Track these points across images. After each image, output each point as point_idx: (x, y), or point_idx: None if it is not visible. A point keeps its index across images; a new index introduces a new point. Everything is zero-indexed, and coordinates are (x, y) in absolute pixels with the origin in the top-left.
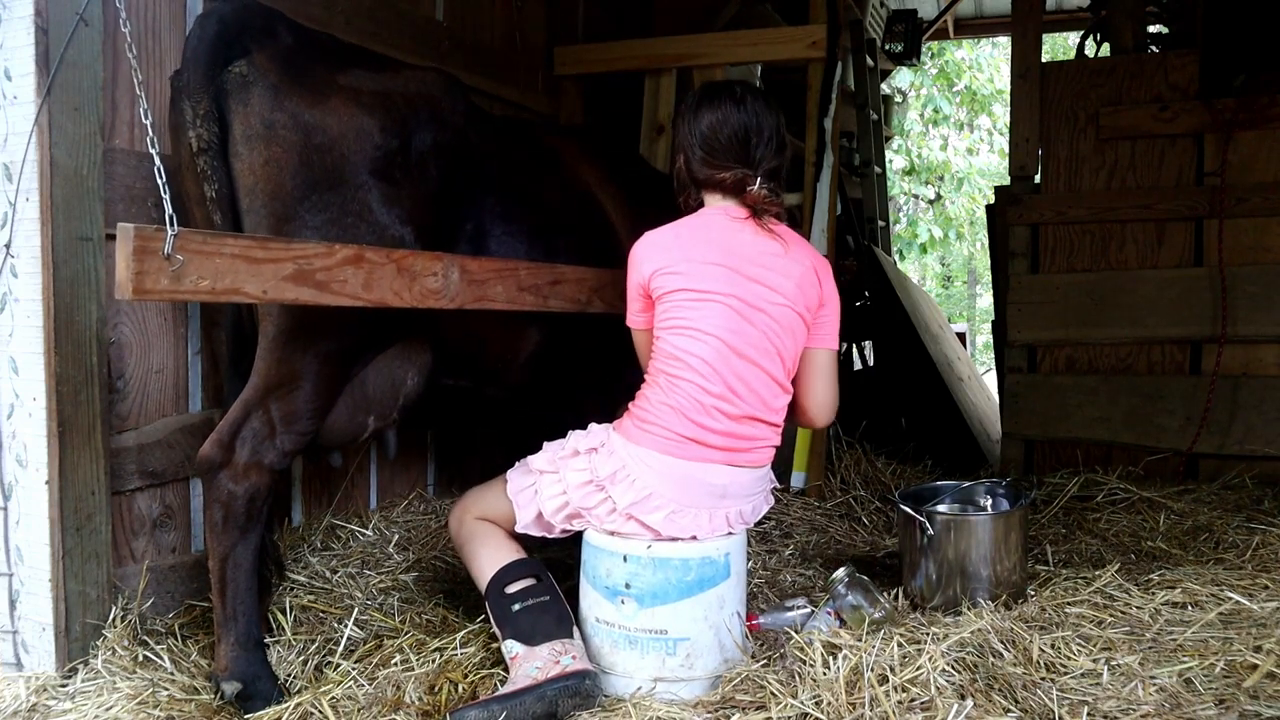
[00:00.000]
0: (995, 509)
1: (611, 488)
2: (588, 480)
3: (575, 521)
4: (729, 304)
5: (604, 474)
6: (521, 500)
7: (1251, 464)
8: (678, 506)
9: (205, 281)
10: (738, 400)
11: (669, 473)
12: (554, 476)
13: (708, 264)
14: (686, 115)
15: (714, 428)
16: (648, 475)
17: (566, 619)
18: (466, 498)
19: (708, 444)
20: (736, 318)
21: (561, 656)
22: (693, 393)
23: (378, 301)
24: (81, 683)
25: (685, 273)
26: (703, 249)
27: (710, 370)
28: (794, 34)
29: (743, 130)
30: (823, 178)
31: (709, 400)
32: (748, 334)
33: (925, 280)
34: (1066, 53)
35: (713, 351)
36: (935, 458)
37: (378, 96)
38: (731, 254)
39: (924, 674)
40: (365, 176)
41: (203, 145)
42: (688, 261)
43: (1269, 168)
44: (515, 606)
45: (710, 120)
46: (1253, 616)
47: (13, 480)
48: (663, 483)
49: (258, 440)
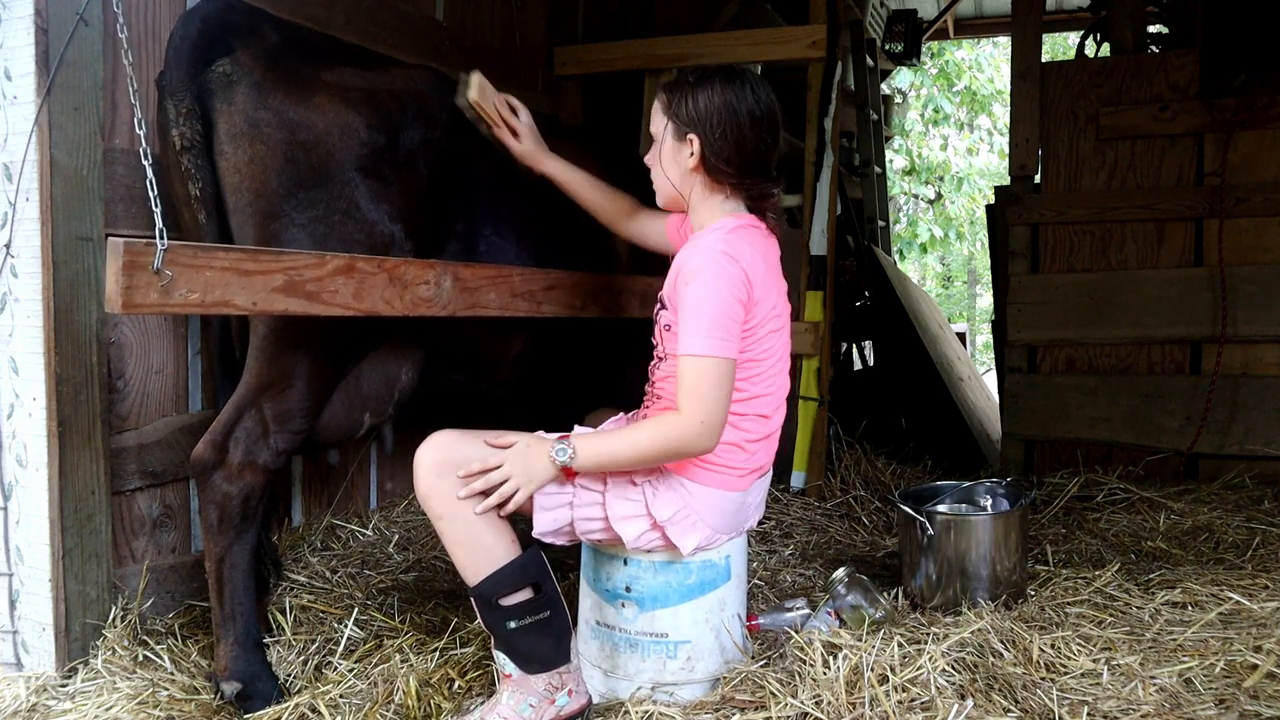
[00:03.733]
0: (995, 509)
1: (671, 528)
2: (640, 515)
3: (603, 540)
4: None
5: (664, 515)
6: (549, 503)
7: (1251, 464)
8: (715, 531)
9: (195, 295)
10: (776, 415)
11: (729, 507)
12: (595, 497)
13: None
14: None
15: (766, 449)
16: (712, 515)
17: (566, 635)
18: (448, 452)
19: (761, 466)
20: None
21: (557, 694)
22: (755, 427)
23: (369, 311)
24: (81, 683)
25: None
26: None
27: (766, 396)
28: (794, 34)
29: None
30: (823, 178)
31: (768, 428)
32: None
33: (925, 280)
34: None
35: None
36: (935, 458)
37: (364, 93)
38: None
39: (924, 674)
40: (352, 173)
41: (186, 144)
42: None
43: (1269, 168)
44: (511, 624)
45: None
46: (1253, 616)
47: (13, 480)
48: (724, 519)
49: (251, 440)
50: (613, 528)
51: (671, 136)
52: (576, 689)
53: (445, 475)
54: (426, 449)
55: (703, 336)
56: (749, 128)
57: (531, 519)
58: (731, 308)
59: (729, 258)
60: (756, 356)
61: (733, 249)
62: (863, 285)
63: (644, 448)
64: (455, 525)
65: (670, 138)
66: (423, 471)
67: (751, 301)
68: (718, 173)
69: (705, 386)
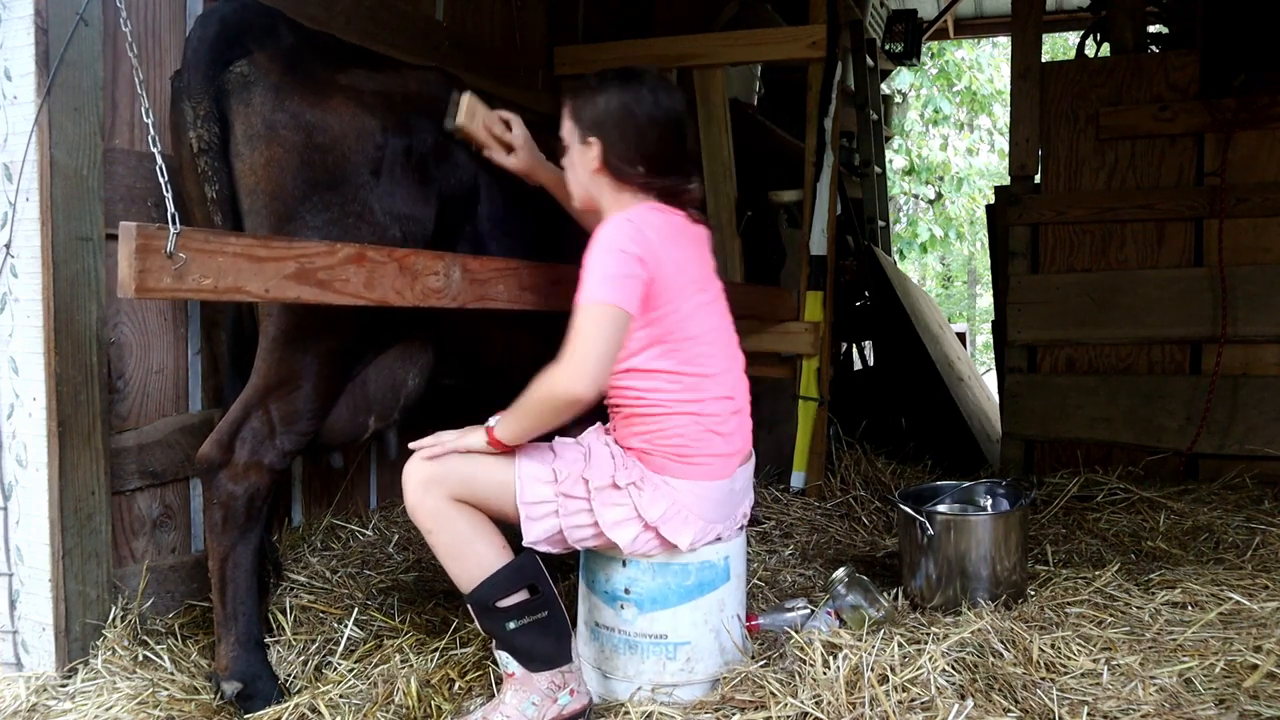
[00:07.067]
0: (995, 509)
1: (664, 527)
2: (631, 518)
3: (598, 547)
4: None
5: (654, 515)
6: (535, 513)
7: (1251, 464)
8: (708, 522)
9: (207, 280)
10: (739, 393)
11: (717, 496)
12: (581, 504)
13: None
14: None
15: (740, 429)
16: (702, 507)
17: (566, 635)
18: (437, 469)
19: (739, 450)
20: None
21: (559, 693)
22: (721, 408)
23: (379, 300)
24: (81, 683)
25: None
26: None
27: (722, 374)
28: (794, 34)
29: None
30: (823, 178)
31: (734, 406)
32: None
33: (925, 280)
34: (1066, 53)
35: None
36: (935, 458)
37: (379, 96)
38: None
39: (924, 674)
40: (366, 176)
41: (203, 146)
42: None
43: (1269, 168)
44: (510, 625)
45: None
46: (1253, 616)
47: (13, 480)
48: (715, 508)
49: (257, 440)
50: (605, 534)
51: (576, 140)
52: (578, 689)
53: (430, 490)
54: (413, 464)
55: (589, 287)
56: (648, 129)
57: (521, 531)
58: (621, 260)
59: (625, 220)
60: (692, 334)
61: (632, 215)
62: (863, 285)
63: (533, 400)
64: (444, 537)
65: (575, 141)
66: (410, 486)
67: (653, 258)
68: (621, 174)
69: (583, 328)
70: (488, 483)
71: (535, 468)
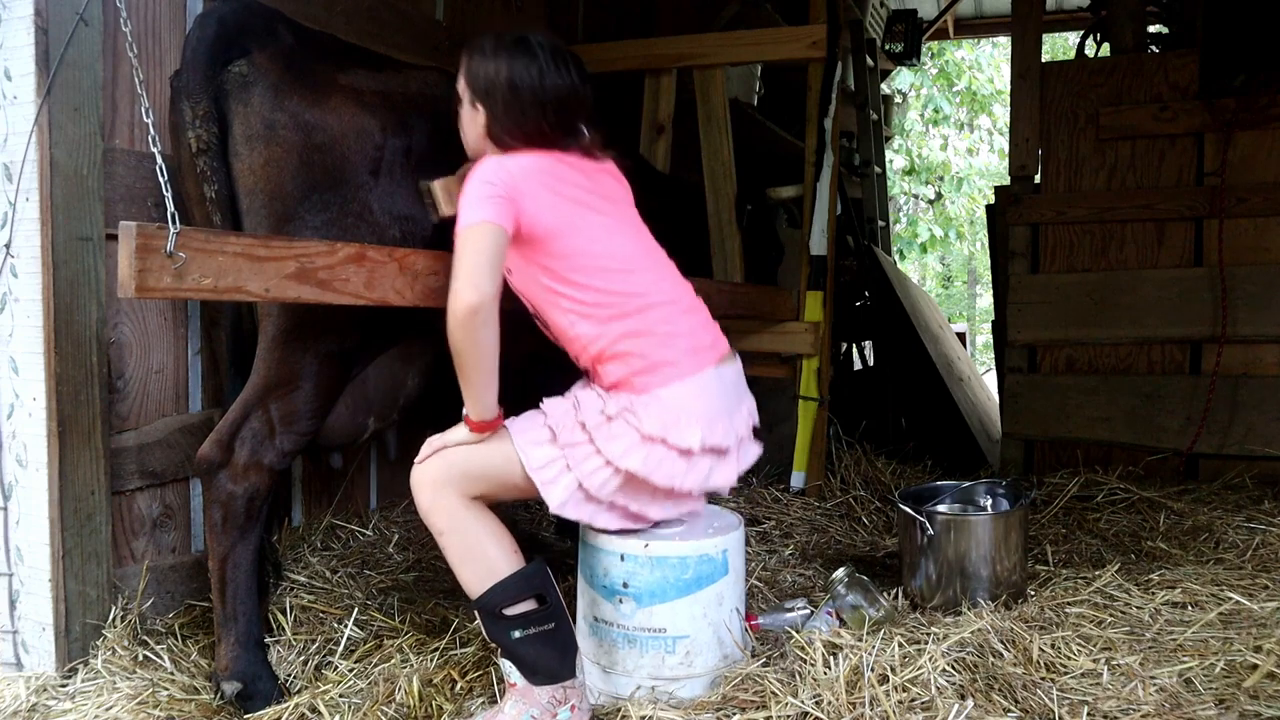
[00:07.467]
0: (995, 509)
1: (671, 435)
2: (636, 441)
3: (625, 492)
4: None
5: (655, 429)
6: (547, 476)
7: (1251, 464)
8: (710, 419)
9: (208, 280)
10: (682, 293)
11: (708, 387)
12: (586, 449)
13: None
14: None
15: (702, 327)
16: (696, 404)
17: (571, 649)
18: (442, 468)
19: (707, 346)
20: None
21: (560, 708)
22: (670, 313)
23: (379, 300)
24: (81, 683)
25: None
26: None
27: (651, 285)
28: (794, 34)
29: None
30: (823, 177)
31: (684, 307)
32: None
33: (925, 280)
34: (1066, 53)
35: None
36: (935, 458)
37: (379, 96)
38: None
39: (924, 674)
40: (366, 177)
41: (202, 146)
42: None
43: (1269, 168)
44: (515, 634)
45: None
46: (1253, 616)
47: (13, 480)
48: (710, 400)
49: (257, 440)
50: (621, 465)
51: (467, 100)
52: (580, 705)
53: (443, 491)
54: (420, 470)
55: (458, 222)
56: (530, 108)
57: (546, 503)
58: (481, 188)
59: (489, 159)
60: (596, 254)
61: (501, 156)
62: (863, 285)
63: (455, 349)
64: (455, 539)
65: (466, 101)
66: (422, 491)
67: (512, 183)
68: (502, 143)
69: (458, 252)
70: (494, 465)
71: (531, 433)
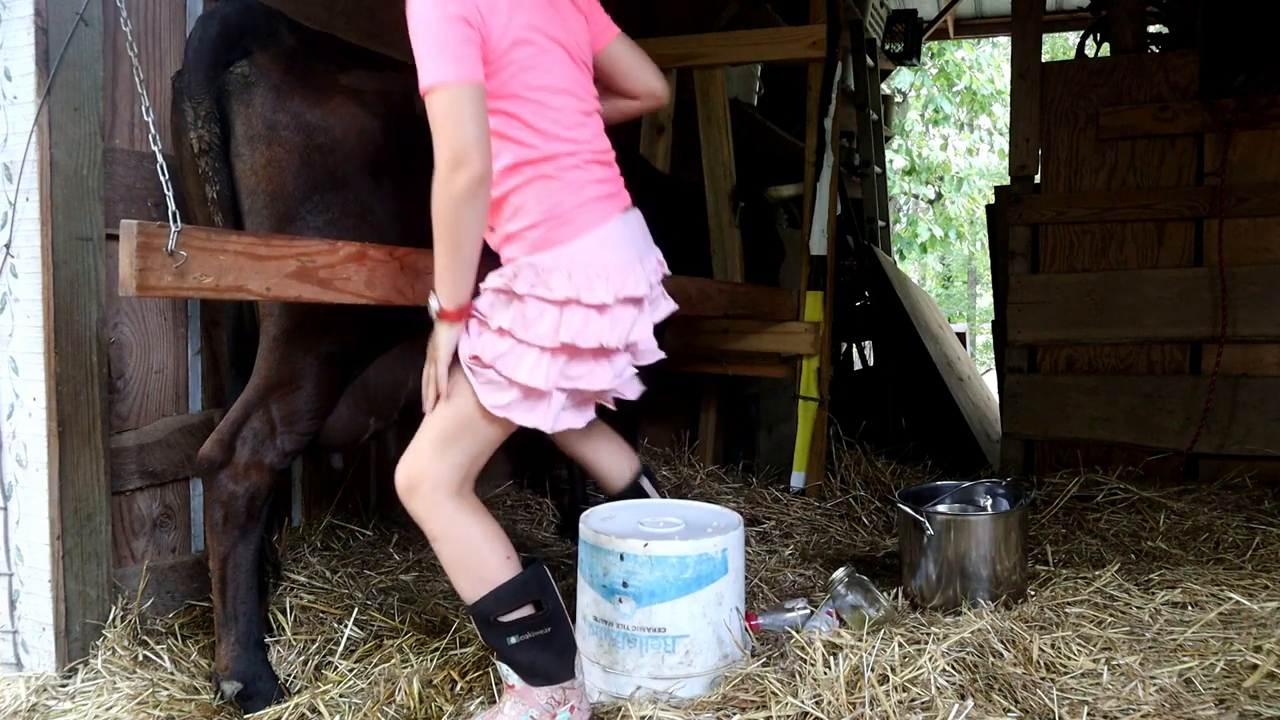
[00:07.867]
0: (995, 509)
1: (584, 294)
2: (553, 303)
3: (573, 366)
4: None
5: (567, 292)
6: (502, 399)
7: (1251, 464)
8: (619, 269)
9: (209, 278)
10: (595, 141)
11: (614, 239)
12: (519, 348)
13: None
14: None
15: (607, 179)
16: (603, 254)
17: (569, 650)
18: (427, 466)
19: (612, 195)
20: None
21: (559, 709)
22: (573, 160)
23: (381, 300)
24: (81, 683)
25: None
26: None
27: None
28: (794, 34)
29: None
30: (823, 177)
31: (578, 158)
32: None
33: (925, 280)
34: (1066, 53)
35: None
36: (935, 458)
37: (380, 96)
38: None
39: (924, 674)
40: (367, 177)
41: (204, 147)
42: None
43: (1269, 168)
44: (511, 639)
45: None
46: (1253, 616)
47: (13, 480)
48: (616, 251)
49: (258, 440)
50: (557, 338)
51: None
52: (579, 706)
53: (439, 493)
54: (406, 464)
55: (427, 68)
56: None
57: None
58: (449, 26)
59: None
60: (533, 86)
61: None
62: (863, 285)
63: (438, 224)
64: (449, 545)
65: None
66: (419, 494)
67: (477, 13)
68: None
69: (441, 119)
70: (466, 421)
71: (468, 376)
